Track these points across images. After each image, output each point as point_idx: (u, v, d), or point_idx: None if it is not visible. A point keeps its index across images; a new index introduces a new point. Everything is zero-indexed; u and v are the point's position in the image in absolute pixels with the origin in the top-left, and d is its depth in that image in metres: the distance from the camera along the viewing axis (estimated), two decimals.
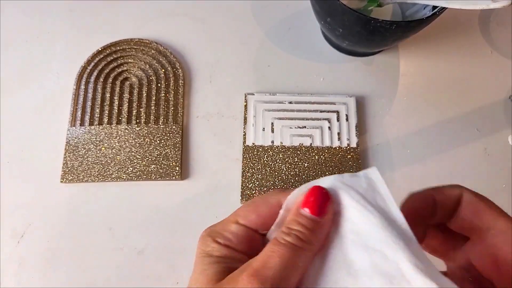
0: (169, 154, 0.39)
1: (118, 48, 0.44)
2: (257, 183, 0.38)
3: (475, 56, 0.45)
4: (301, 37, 0.46)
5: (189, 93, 0.43)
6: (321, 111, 0.41)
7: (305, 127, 0.40)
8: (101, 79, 0.42)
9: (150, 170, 0.38)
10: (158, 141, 0.40)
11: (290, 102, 0.41)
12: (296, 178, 0.38)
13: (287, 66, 0.44)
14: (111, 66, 0.43)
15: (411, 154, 0.40)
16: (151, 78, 0.42)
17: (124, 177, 0.38)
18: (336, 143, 0.39)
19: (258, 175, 0.38)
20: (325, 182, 0.19)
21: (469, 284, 0.20)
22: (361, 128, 0.41)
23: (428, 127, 0.41)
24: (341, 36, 0.39)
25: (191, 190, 0.38)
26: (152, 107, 0.41)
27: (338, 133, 0.40)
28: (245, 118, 0.40)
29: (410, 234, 0.17)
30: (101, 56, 0.43)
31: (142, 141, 0.40)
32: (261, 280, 0.17)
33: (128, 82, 0.42)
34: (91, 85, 0.42)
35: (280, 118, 0.40)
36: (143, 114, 0.41)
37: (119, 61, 0.43)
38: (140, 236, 0.37)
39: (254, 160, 0.39)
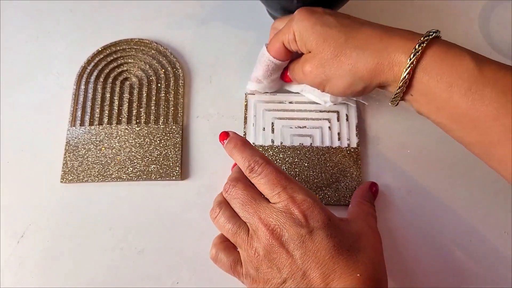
0: (169, 154, 0.39)
1: (118, 48, 0.44)
2: None
3: None
4: None
5: (189, 93, 0.43)
6: (321, 111, 0.41)
7: (305, 127, 0.40)
8: (101, 79, 0.42)
9: (150, 170, 0.38)
10: (158, 141, 0.40)
11: (291, 102, 0.41)
12: (297, 178, 0.38)
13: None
14: (111, 66, 0.43)
15: (411, 154, 0.40)
16: (151, 78, 0.42)
17: (124, 177, 0.38)
18: (336, 143, 0.39)
19: None
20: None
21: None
22: (361, 128, 0.41)
23: (428, 127, 0.41)
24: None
25: (191, 190, 0.38)
26: (152, 107, 0.41)
27: (338, 133, 0.40)
28: (245, 118, 0.40)
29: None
30: (101, 56, 0.43)
31: (142, 141, 0.40)
32: None
33: (128, 82, 0.42)
34: (91, 85, 0.42)
35: (280, 118, 0.40)
36: (143, 114, 0.41)
37: (119, 61, 0.43)
38: (140, 236, 0.37)
39: None
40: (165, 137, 0.40)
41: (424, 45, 0.28)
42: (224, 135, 0.32)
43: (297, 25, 0.32)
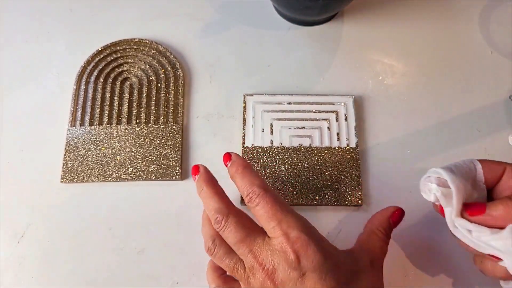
0: (169, 154, 0.39)
1: (118, 48, 0.44)
2: None
3: (475, 56, 0.45)
4: (301, 37, 0.46)
5: (189, 93, 0.43)
6: (320, 112, 0.41)
7: (304, 127, 0.40)
8: (101, 79, 0.42)
9: (150, 170, 0.38)
10: (158, 141, 0.40)
11: (289, 103, 0.41)
12: (296, 179, 0.38)
13: (287, 66, 0.44)
14: (111, 66, 0.43)
15: (411, 154, 0.40)
16: (151, 78, 0.42)
17: (124, 177, 0.38)
18: (335, 143, 0.39)
19: None
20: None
21: None
22: (360, 128, 0.41)
23: (428, 127, 0.41)
24: None
25: (191, 190, 0.38)
26: (152, 107, 0.41)
27: (337, 133, 0.40)
28: (244, 119, 0.40)
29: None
30: (101, 56, 0.43)
31: (142, 141, 0.40)
32: None
33: (128, 82, 0.42)
34: (91, 85, 0.42)
35: (279, 119, 0.40)
36: (143, 114, 0.41)
37: (119, 61, 0.43)
38: (140, 236, 0.37)
39: (254, 162, 0.39)
40: (165, 137, 0.40)
41: None
42: (227, 157, 0.31)
43: None
